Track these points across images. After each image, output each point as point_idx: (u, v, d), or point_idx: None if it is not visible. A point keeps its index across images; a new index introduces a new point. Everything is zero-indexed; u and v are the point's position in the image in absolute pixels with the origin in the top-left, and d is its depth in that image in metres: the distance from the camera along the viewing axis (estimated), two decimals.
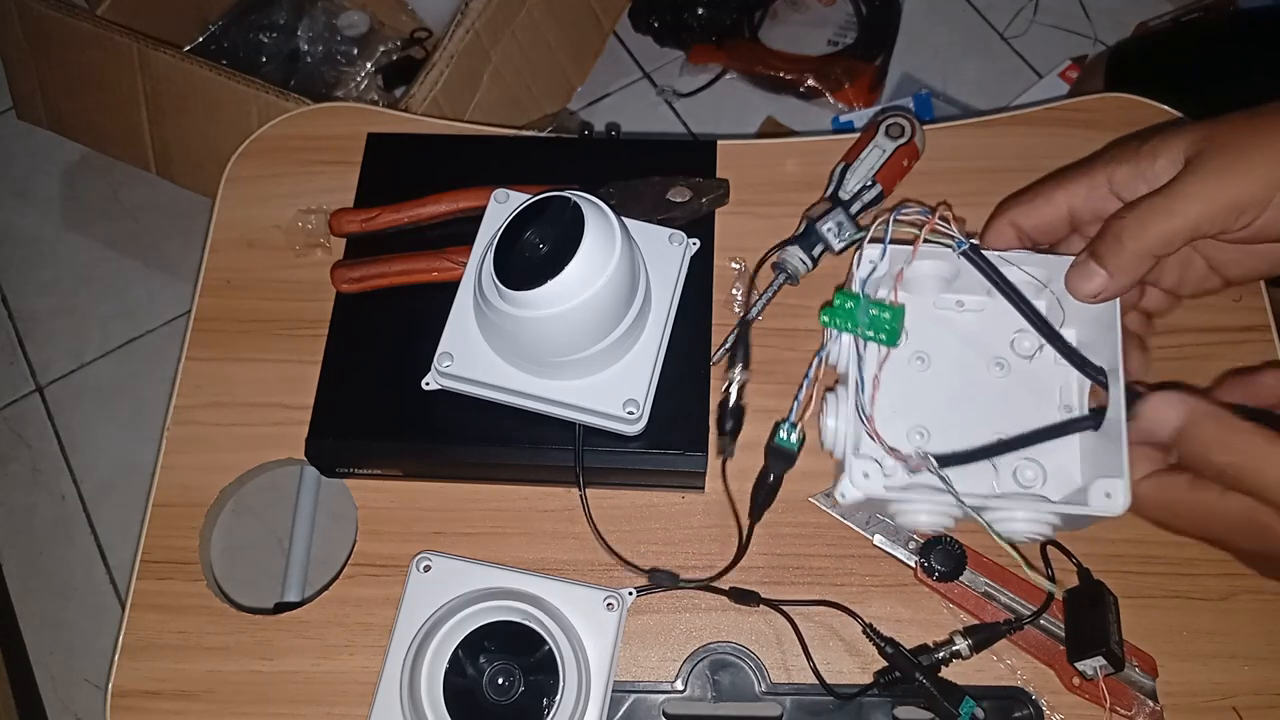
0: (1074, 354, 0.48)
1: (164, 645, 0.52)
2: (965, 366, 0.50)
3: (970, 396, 0.49)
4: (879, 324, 0.47)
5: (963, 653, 0.48)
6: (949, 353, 0.50)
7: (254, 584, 1.19)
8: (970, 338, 0.50)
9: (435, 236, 0.55)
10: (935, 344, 0.50)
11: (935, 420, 0.49)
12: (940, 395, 0.49)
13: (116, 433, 1.30)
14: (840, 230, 0.54)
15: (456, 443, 0.51)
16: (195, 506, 0.54)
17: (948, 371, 0.50)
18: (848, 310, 0.47)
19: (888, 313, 0.47)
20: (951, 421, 0.49)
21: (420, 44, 1.41)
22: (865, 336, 0.47)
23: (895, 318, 0.47)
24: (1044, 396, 0.49)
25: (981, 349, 0.50)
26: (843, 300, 0.47)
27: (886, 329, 0.47)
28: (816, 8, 1.47)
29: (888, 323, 0.47)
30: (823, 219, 0.54)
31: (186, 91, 1.16)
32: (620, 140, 0.99)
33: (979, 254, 0.47)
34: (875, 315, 0.47)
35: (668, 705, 0.50)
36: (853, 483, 0.46)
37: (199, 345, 0.58)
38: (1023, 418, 0.48)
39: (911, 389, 0.50)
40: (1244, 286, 0.56)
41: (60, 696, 1.18)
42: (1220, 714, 0.48)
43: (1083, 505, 0.44)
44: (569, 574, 0.51)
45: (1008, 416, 0.48)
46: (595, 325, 0.46)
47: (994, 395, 0.49)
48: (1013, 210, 0.49)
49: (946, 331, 0.50)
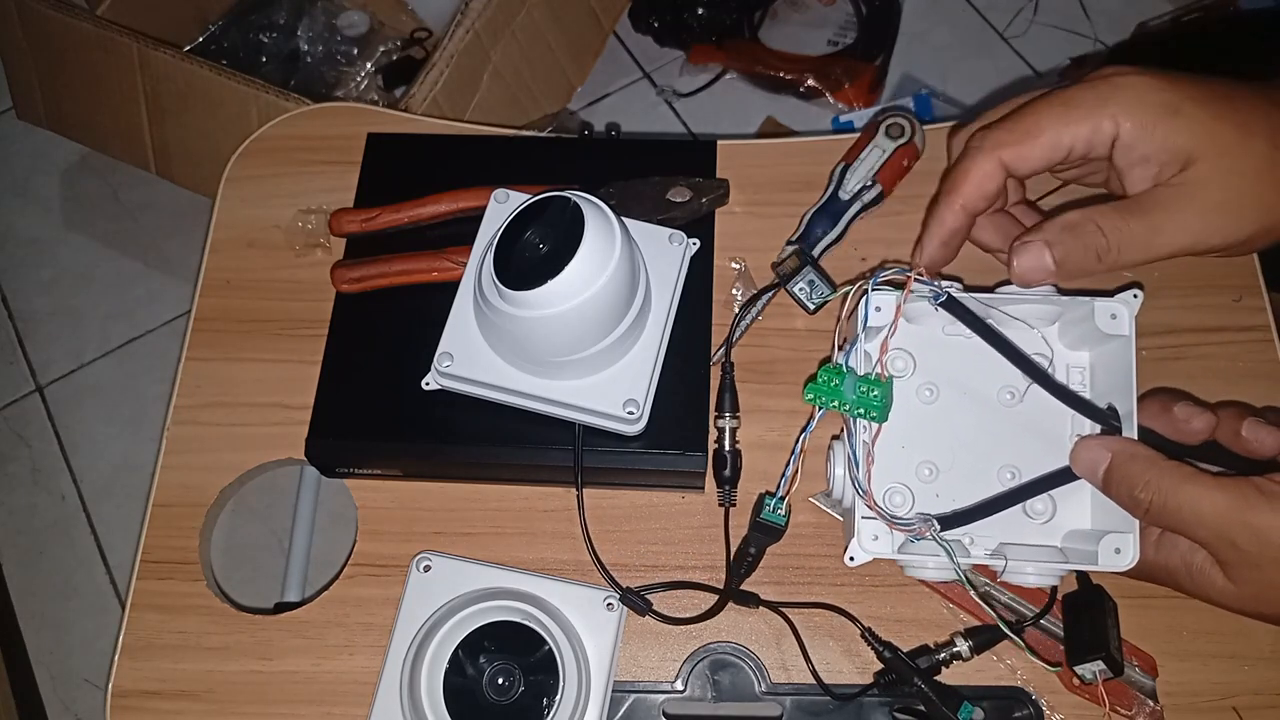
0: (1073, 397, 0.47)
1: (164, 645, 0.52)
2: (975, 396, 0.49)
3: (980, 428, 0.48)
4: (867, 401, 0.45)
5: (963, 654, 0.48)
6: (958, 382, 0.49)
7: (254, 584, 1.19)
8: (980, 365, 0.48)
9: (435, 236, 0.55)
10: (944, 373, 0.49)
11: (944, 454, 0.48)
12: (949, 428, 0.48)
13: (116, 433, 1.30)
14: (813, 290, 0.52)
15: (456, 443, 0.51)
16: (195, 506, 0.54)
17: (957, 402, 0.49)
18: (833, 388, 0.45)
19: (876, 389, 0.45)
20: (960, 456, 0.48)
21: (420, 44, 1.41)
22: (853, 414, 0.45)
23: (884, 393, 0.45)
24: (1056, 425, 0.48)
25: (991, 377, 0.48)
26: (828, 376, 0.45)
27: (876, 406, 0.45)
28: (816, 8, 1.47)
29: (876, 399, 0.45)
30: (793, 279, 0.52)
31: (186, 91, 1.16)
32: (620, 140, 0.98)
33: (958, 304, 0.46)
34: (863, 392, 0.45)
35: (668, 705, 0.50)
36: (863, 548, 0.46)
37: (199, 345, 0.58)
38: (1034, 450, 0.47)
39: (920, 421, 0.48)
40: (1244, 286, 0.56)
41: (60, 696, 1.18)
42: (1220, 714, 0.48)
43: (1092, 564, 0.44)
44: (569, 574, 0.51)
45: (1018, 449, 0.48)
46: (595, 325, 0.46)
47: (1004, 426, 0.48)
48: (1005, 150, 0.44)
49: (955, 360, 0.49)
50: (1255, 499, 0.40)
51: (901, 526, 0.45)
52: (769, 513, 0.49)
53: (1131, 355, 0.46)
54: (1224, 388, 0.54)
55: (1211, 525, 0.40)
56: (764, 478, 0.53)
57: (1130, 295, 0.46)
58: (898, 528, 0.45)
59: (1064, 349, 0.49)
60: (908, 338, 0.49)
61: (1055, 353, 0.49)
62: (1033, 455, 0.47)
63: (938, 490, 0.48)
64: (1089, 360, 0.49)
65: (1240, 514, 0.40)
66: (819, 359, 0.55)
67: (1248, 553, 0.40)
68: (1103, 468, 0.44)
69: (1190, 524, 0.41)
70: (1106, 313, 0.46)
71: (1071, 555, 0.46)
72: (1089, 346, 0.49)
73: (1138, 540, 0.44)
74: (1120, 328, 0.46)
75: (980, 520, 0.46)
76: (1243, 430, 0.44)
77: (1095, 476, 0.44)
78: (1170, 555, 0.44)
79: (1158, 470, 0.42)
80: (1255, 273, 0.56)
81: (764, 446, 0.53)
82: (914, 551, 0.46)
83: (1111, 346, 0.47)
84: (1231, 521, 0.40)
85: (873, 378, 0.46)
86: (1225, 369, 0.55)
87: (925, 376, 0.49)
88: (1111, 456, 0.43)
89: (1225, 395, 0.54)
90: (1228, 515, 0.40)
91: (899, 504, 0.48)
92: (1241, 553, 0.40)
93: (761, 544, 0.50)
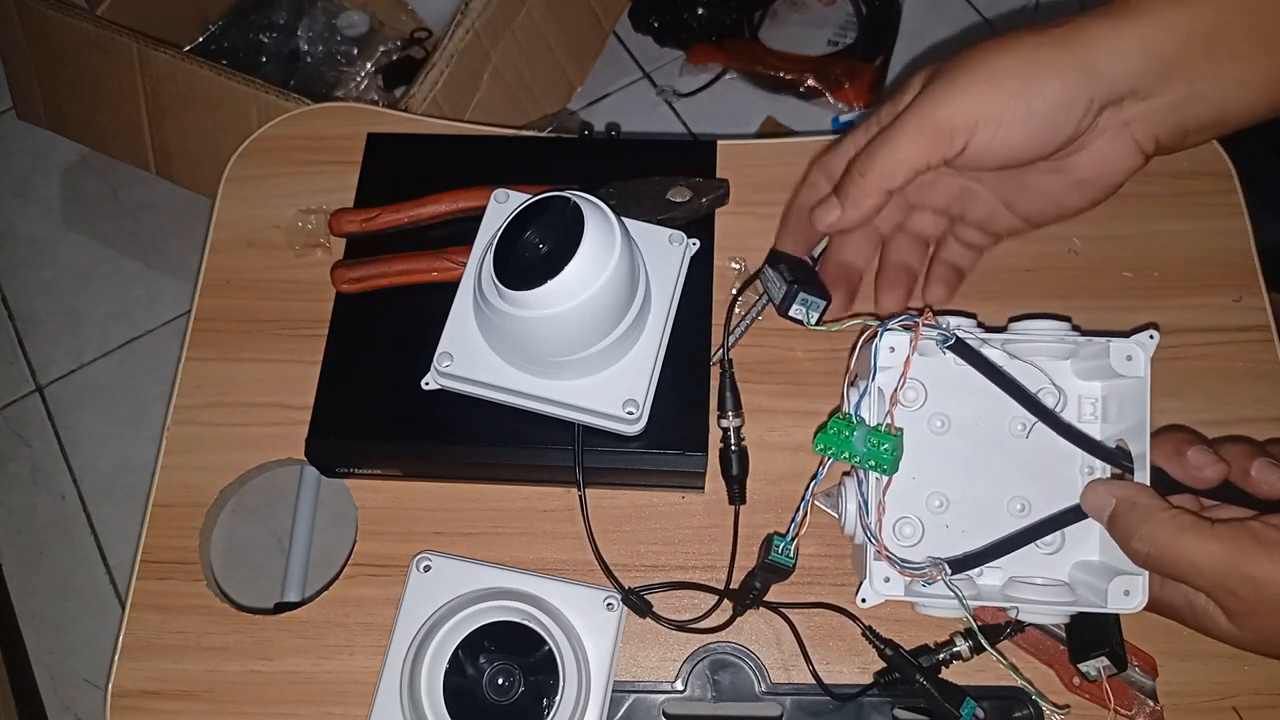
0: (1083, 438, 0.46)
1: (164, 645, 0.52)
2: (987, 428, 0.48)
3: (991, 460, 0.48)
4: (877, 454, 0.45)
5: (963, 654, 0.48)
6: (969, 414, 0.48)
7: (254, 584, 1.19)
8: (991, 397, 0.47)
9: (435, 236, 0.55)
10: (956, 405, 0.48)
11: (954, 487, 0.48)
12: (960, 460, 0.48)
13: (116, 433, 1.30)
14: (809, 308, 0.50)
15: (456, 443, 0.51)
16: (195, 506, 0.54)
17: (969, 434, 0.48)
18: (844, 439, 0.45)
19: (886, 442, 0.45)
20: (971, 487, 0.48)
21: (420, 44, 1.41)
22: (864, 466, 0.45)
23: (894, 446, 0.45)
24: (1067, 458, 0.47)
25: (1003, 409, 0.48)
26: (839, 428, 0.45)
27: (886, 459, 0.45)
28: (816, 8, 1.47)
29: (887, 453, 0.45)
30: (784, 303, 0.50)
31: (186, 91, 1.16)
32: (620, 140, 0.98)
33: (965, 347, 0.46)
34: (873, 445, 0.45)
35: (668, 705, 0.50)
36: (875, 590, 0.46)
37: (199, 345, 0.58)
38: (1044, 482, 0.47)
39: (931, 452, 0.48)
40: (1244, 286, 0.56)
41: (60, 696, 1.18)
42: (1220, 714, 0.49)
43: (1101, 605, 0.44)
44: (569, 574, 0.51)
45: (1029, 481, 0.47)
46: (594, 325, 0.46)
47: (1015, 458, 0.48)
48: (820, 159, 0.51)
49: (967, 391, 0.48)
50: (1252, 549, 0.40)
51: (914, 572, 0.45)
52: (778, 554, 0.48)
53: (1147, 396, 0.45)
54: (1224, 388, 0.54)
55: (1210, 577, 0.41)
56: (767, 478, 0.53)
57: (1146, 336, 0.46)
58: (909, 573, 0.45)
59: (1076, 380, 0.48)
60: (920, 369, 0.48)
61: (1067, 385, 0.48)
62: (1043, 488, 0.47)
63: (947, 521, 0.48)
64: (1101, 391, 0.48)
65: (1236, 565, 0.40)
66: (818, 359, 0.56)
67: (1247, 601, 0.40)
68: (1107, 513, 0.44)
69: (1189, 575, 0.41)
70: (1122, 354, 0.46)
71: (1081, 592, 0.46)
72: (1102, 379, 0.48)
73: (1147, 583, 0.44)
74: (1136, 369, 0.46)
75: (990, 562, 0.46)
76: (1252, 471, 0.44)
77: (1102, 520, 0.45)
78: (1174, 595, 0.44)
79: (1154, 522, 0.42)
80: (1255, 273, 0.57)
81: (765, 446, 0.53)
82: (924, 593, 0.46)
83: (1126, 383, 0.46)
84: (1229, 573, 0.40)
85: (884, 430, 0.45)
86: (1225, 369, 0.55)
87: (937, 407, 0.49)
88: (1116, 501, 0.44)
89: (1225, 395, 0.54)
90: (1225, 567, 0.40)
91: (909, 535, 0.47)
92: (1241, 601, 0.40)
93: (767, 582, 0.49)
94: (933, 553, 0.46)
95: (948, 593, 0.45)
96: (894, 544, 0.47)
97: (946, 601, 0.46)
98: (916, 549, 0.47)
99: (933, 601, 0.46)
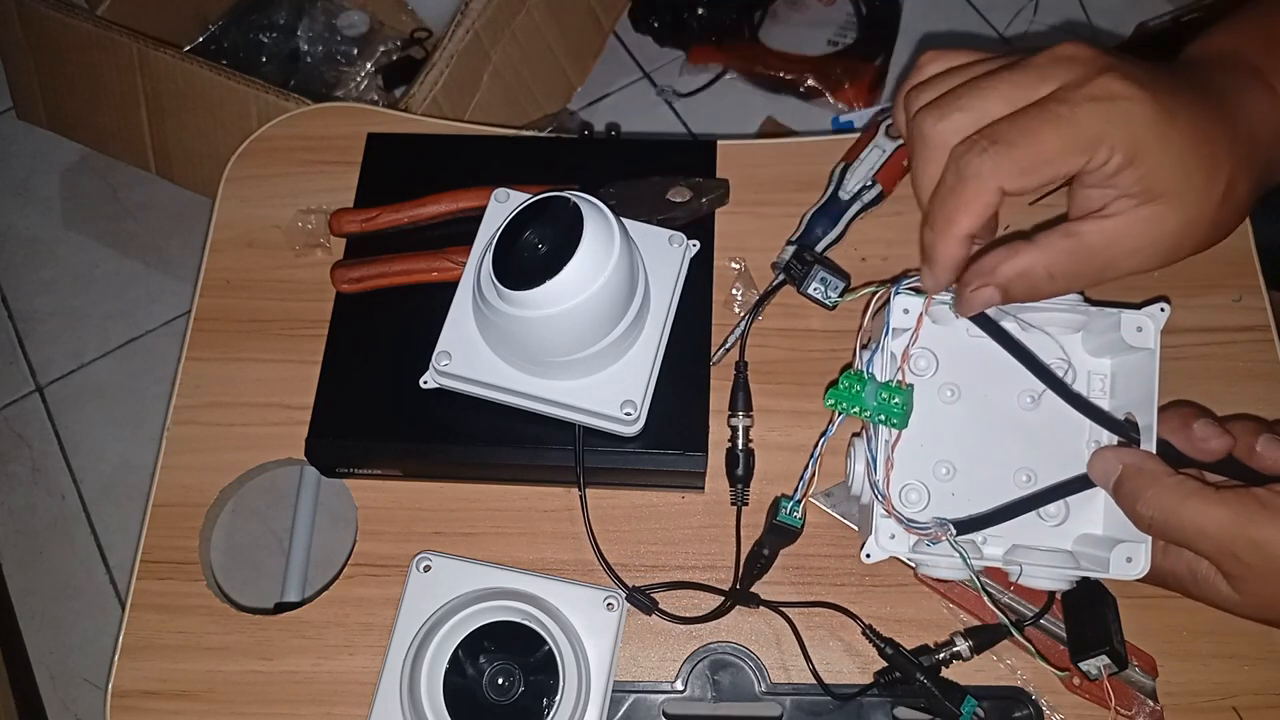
0: (1091, 408, 0.47)
1: (164, 645, 0.52)
2: (996, 398, 0.49)
3: (999, 430, 0.48)
4: (888, 408, 0.46)
5: (963, 654, 0.48)
6: (980, 383, 0.49)
7: (254, 584, 1.19)
8: (1002, 368, 0.48)
9: (435, 236, 0.55)
10: (966, 374, 0.49)
11: (962, 455, 0.48)
12: (968, 428, 0.48)
13: (116, 433, 1.30)
14: (827, 287, 0.52)
15: (456, 443, 0.51)
16: (195, 506, 0.54)
17: (977, 403, 0.49)
18: (855, 394, 0.46)
19: (897, 396, 0.46)
20: (978, 457, 0.48)
21: (420, 44, 1.41)
22: (874, 420, 0.46)
23: (905, 400, 0.46)
24: (1074, 431, 0.48)
25: (1012, 380, 0.48)
26: (850, 383, 0.46)
27: (896, 413, 0.46)
28: (816, 8, 1.47)
29: (897, 407, 0.46)
30: (805, 281, 0.52)
31: (186, 91, 1.16)
32: (620, 140, 0.98)
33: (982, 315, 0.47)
34: (884, 399, 0.46)
35: (668, 705, 0.50)
36: (880, 545, 0.46)
37: (199, 345, 0.58)
38: (1051, 454, 0.48)
39: (940, 421, 0.48)
40: (1244, 286, 0.56)
41: (60, 696, 1.18)
42: (1220, 714, 0.48)
43: (1103, 572, 0.45)
44: (569, 574, 0.51)
45: (1036, 452, 0.48)
46: (593, 326, 0.46)
47: (1023, 429, 0.48)
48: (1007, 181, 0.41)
49: (978, 361, 0.49)
50: (1257, 513, 0.40)
51: (919, 531, 0.45)
52: (785, 515, 0.49)
53: (1155, 368, 0.46)
54: (1224, 388, 0.54)
55: (1214, 540, 0.41)
56: (766, 477, 0.53)
57: (1157, 309, 0.46)
58: (915, 532, 0.45)
59: (1086, 356, 0.49)
60: (932, 338, 0.49)
61: (1077, 360, 0.49)
62: (1050, 460, 0.48)
63: (953, 489, 0.48)
64: (1110, 368, 0.49)
65: (1242, 528, 0.40)
66: (819, 359, 0.56)
67: (1250, 565, 0.40)
68: (1114, 479, 0.44)
69: (1193, 539, 0.41)
70: (1133, 325, 0.46)
71: (1083, 561, 0.46)
72: (1111, 354, 0.49)
73: (1149, 550, 0.44)
74: (1146, 340, 0.46)
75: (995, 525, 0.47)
76: (1257, 446, 0.45)
77: (1108, 486, 0.45)
78: (1177, 563, 0.44)
79: (1160, 487, 0.42)
80: (1255, 273, 0.57)
81: (766, 446, 0.53)
82: (928, 552, 0.46)
83: (1135, 357, 0.47)
84: (1233, 536, 0.40)
85: (894, 385, 0.46)
86: (1225, 369, 0.55)
87: (947, 377, 0.49)
88: (1123, 467, 0.44)
89: (1225, 395, 0.54)
90: (1230, 530, 0.40)
91: (914, 501, 0.48)
92: (1244, 565, 0.41)
93: (775, 546, 0.50)
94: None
95: (952, 553, 0.45)
96: (900, 509, 0.47)
97: (950, 561, 0.46)
98: (922, 514, 0.47)
99: (935, 562, 0.46)
